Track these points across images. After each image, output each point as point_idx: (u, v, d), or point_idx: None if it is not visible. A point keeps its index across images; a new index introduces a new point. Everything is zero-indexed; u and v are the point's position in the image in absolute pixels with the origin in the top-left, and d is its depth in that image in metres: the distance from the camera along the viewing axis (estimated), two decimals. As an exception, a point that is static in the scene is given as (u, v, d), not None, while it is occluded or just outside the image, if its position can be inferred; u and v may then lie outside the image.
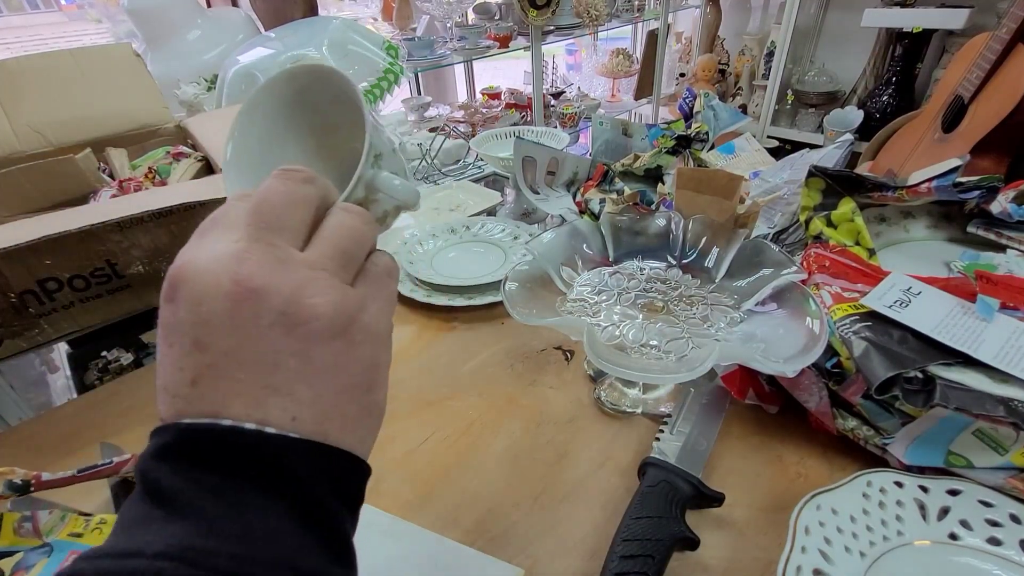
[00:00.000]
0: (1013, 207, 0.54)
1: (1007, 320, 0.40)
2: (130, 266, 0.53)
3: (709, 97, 0.87)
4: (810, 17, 2.27)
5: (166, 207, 0.52)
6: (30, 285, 0.49)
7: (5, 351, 0.50)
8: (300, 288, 0.19)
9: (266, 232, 0.19)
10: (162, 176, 0.72)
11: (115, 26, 1.58)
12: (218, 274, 0.18)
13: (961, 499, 0.34)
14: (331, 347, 0.20)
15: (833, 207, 0.57)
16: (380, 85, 1.18)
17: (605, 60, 2.42)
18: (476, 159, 1.06)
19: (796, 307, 0.41)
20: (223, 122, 0.89)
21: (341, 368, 0.20)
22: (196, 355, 0.18)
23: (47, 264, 0.50)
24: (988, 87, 1.03)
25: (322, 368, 0.19)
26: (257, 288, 0.18)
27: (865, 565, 0.32)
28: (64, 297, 0.51)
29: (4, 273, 0.48)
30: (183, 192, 0.55)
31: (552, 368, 0.53)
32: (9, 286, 0.48)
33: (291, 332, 0.19)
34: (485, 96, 1.98)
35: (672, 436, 0.41)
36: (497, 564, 0.36)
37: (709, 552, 0.35)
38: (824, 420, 0.41)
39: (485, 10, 1.79)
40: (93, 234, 0.50)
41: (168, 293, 0.19)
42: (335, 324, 0.20)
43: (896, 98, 2.02)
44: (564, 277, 0.49)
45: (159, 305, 0.20)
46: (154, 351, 0.61)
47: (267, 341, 0.18)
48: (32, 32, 3.66)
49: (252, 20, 1.54)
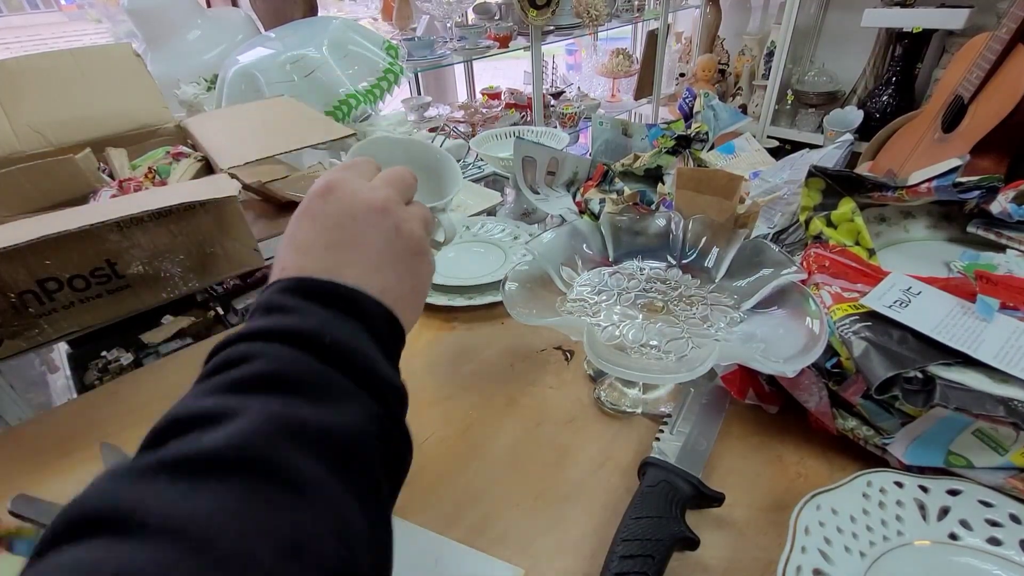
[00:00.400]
0: (1013, 207, 0.54)
1: (1007, 320, 0.40)
2: (130, 266, 0.53)
3: (709, 97, 0.87)
4: (810, 17, 2.27)
5: (166, 207, 0.52)
6: (30, 285, 0.49)
7: (5, 351, 0.50)
8: (407, 220, 0.31)
9: (392, 187, 0.32)
10: (162, 176, 0.72)
11: (115, 26, 1.58)
12: (364, 192, 0.30)
13: (961, 499, 0.34)
14: (414, 259, 0.31)
15: (833, 207, 0.57)
16: (380, 85, 1.18)
17: (605, 60, 2.42)
18: (476, 159, 1.06)
19: (796, 307, 0.41)
20: (223, 122, 0.89)
21: (415, 273, 0.31)
22: (335, 232, 0.29)
23: (47, 264, 0.49)
24: (988, 87, 1.03)
25: (406, 269, 0.30)
26: (386, 209, 0.30)
27: (865, 565, 0.32)
28: (64, 297, 0.51)
29: (3, 274, 0.48)
30: (183, 192, 0.55)
31: (552, 368, 0.53)
32: (8, 286, 0.48)
33: (395, 240, 0.30)
34: (485, 96, 1.98)
35: (672, 436, 0.41)
36: (497, 564, 0.36)
37: (709, 552, 0.35)
38: (824, 420, 0.41)
39: (485, 10, 1.79)
40: (93, 234, 0.50)
41: (322, 191, 0.30)
42: (421, 246, 0.31)
43: (896, 98, 2.02)
44: (564, 277, 0.49)
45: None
46: (155, 351, 0.61)
47: (381, 240, 0.29)
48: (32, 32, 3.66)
49: (252, 20, 1.54)
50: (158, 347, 0.61)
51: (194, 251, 0.56)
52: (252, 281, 0.73)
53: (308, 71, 1.11)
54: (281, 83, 1.10)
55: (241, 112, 0.93)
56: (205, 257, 0.58)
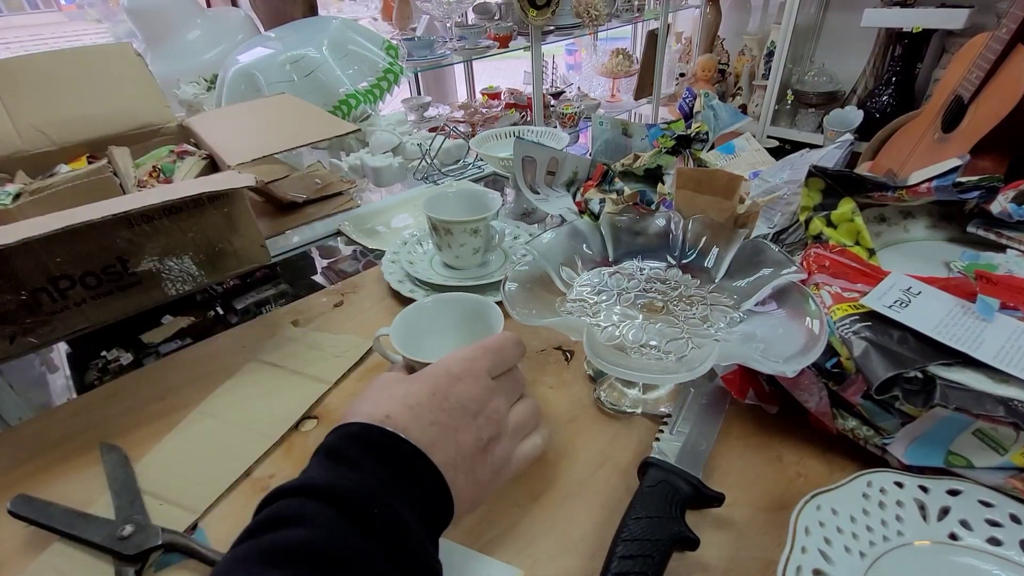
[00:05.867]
0: (1013, 207, 0.54)
1: (1007, 320, 0.40)
2: (140, 263, 0.54)
3: (709, 97, 0.87)
4: (810, 17, 2.27)
5: (179, 201, 0.52)
6: (43, 283, 0.50)
7: (17, 348, 0.50)
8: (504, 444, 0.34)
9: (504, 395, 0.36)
10: (166, 174, 0.72)
11: (115, 26, 1.58)
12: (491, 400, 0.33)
13: (961, 499, 0.34)
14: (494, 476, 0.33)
15: (833, 207, 0.57)
16: (380, 85, 1.18)
17: (605, 60, 2.42)
18: (476, 159, 1.06)
19: (796, 307, 0.41)
20: (226, 120, 0.89)
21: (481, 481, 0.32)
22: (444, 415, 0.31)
23: (58, 262, 0.50)
24: (988, 87, 1.03)
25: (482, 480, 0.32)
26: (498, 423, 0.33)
27: (865, 565, 0.32)
28: (76, 295, 0.52)
29: (18, 271, 0.48)
30: (197, 185, 0.54)
31: (552, 368, 0.53)
32: (23, 284, 0.49)
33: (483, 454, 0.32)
34: (485, 96, 1.98)
35: (672, 436, 0.41)
36: (497, 564, 0.36)
37: (709, 552, 0.35)
38: (824, 420, 0.41)
39: (485, 10, 1.79)
40: (105, 231, 0.51)
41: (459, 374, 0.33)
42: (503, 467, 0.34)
43: (896, 98, 2.02)
44: (564, 277, 0.49)
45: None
46: (155, 351, 0.61)
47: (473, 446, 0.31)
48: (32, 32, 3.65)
49: (252, 20, 1.54)
50: (158, 347, 0.61)
51: (203, 248, 0.57)
52: (252, 281, 0.73)
53: (308, 71, 1.12)
54: (281, 83, 1.10)
55: (244, 110, 0.94)
56: (214, 254, 0.58)
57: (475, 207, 0.65)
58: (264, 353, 0.56)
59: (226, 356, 0.56)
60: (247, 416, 0.48)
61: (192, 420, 0.49)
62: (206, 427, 0.48)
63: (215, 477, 0.43)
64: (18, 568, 0.37)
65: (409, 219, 0.87)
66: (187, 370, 0.55)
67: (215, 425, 0.48)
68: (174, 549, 0.37)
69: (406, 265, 0.66)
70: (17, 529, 0.39)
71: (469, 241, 0.63)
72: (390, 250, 0.69)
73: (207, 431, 0.47)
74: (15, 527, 0.39)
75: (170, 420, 0.48)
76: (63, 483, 0.43)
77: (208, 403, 0.50)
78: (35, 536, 0.38)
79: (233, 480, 0.42)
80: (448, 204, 0.66)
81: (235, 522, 0.40)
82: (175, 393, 0.52)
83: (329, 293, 0.67)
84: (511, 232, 0.73)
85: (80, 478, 0.44)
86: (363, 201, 0.94)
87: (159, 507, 0.40)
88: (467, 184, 0.97)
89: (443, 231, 0.62)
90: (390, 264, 0.67)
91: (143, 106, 0.84)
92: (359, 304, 0.65)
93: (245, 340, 0.59)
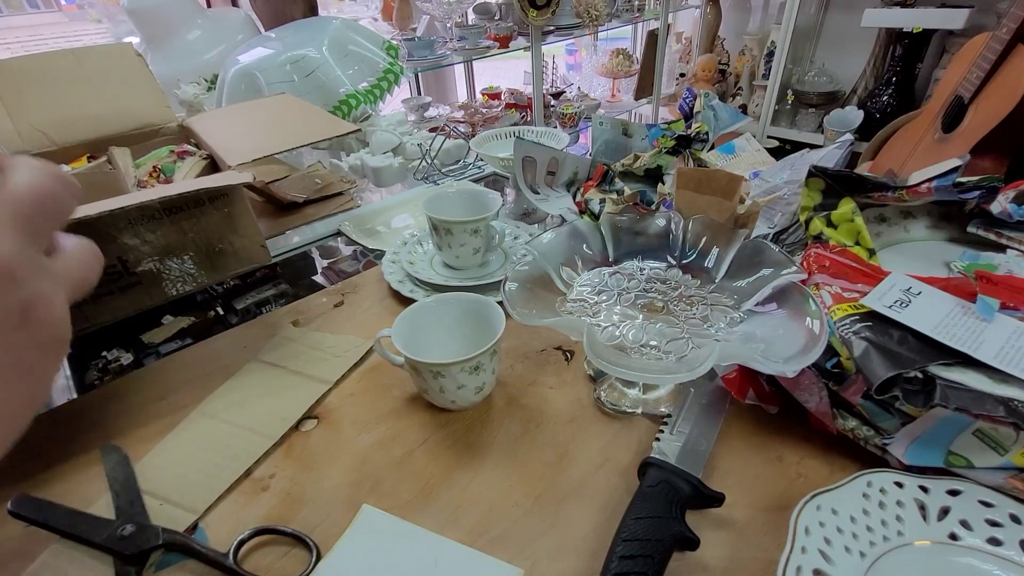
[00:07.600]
0: (1013, 207, 0.54)
1: (1007, 320, 0.40)
2: (141, 263, 0.54)
3: (709, 97, 0.87)
4: (810, 17, 2.27)
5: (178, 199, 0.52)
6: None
7: None
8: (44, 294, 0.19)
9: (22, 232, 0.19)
10: (167, 175, 0.72)
11: (115, 26, 1.58)
12: None
13: (961, 499, 0.34)
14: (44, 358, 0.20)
15: (833, 207, 0.57)
16: (380, 85, 1.18)
17: (605, 60, 2.42)
18: (476, 159, 1.06)
19: (796, 307, 0.41)
20: (227, 120, 0.89)
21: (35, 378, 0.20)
22: None
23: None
24: (988, 87, 1.03)
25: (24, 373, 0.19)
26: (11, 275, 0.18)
27: (865, 565, 0.32)
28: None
29: None
30: (196, 183, 0.55)
31: (552, 368, 0.53)
32: None
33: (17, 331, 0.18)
34: (485, 96, 1.98)
35: (672, 436, 0.41)
36: (497, 564, 0.36)
37: (709, 552, 0.35)
38: (824, 420, 0.41)
39: (485, 10, 1.79)
40: (107, 233, 0.51)
41: None
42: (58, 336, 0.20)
43: (896, 98, 2.02)
44: (564, 277, 0.49)
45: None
46: (155, 351, 0.61)
47: None
48: (32, 32, 3.66)
49: (252, 20, 1.54)
50: (158, 347, 0.61)
51: (204, 248, 0.57)
52: (252, 281, 0.73)
53: (308, 71, 1.12)
54: (281, 83, 1.10)
55: (244, 110, 0.94)
56: (215, 254, 0.58)
57: (475, 207, 0.65)
58: (264, 353, 0.56)
59: (226, 356, 0.56)
60: (247, 416, 0.48)
61: (192, 420, 0.49)
62: (206, 427, 0.48)
63: (215, 477, 0.43)
64: (18, 568, 0.37)
65: (409, 219, 0.87)
66: (187, 370, 0.55)
67: (215, 425, 0.48)
68: (174, 549, 0.37)
69: (406, 265, 0.66)
70: (17, 529, 0.39)
71: (469, 241, 0.63)
72: (390, 250, 0.70)
73: (207, 431, 0.47)
74: (15, 527, 0.39)
75: (170, 420, 0.49)
76: (63, 483, 0.43)
77: (208, 403, 0.50)
78: (35, 536, 0.38)
79: (233, 480, 0.42)
80: (448, 204, 0.66)
81: (235, 522, 0.40)
82: (175, 393, 0.52)
83: (329, 293, 0.67)
84: (511, 232, 0.73)
85: (80, 478, 0.44)
86: (363, 201, 0.94)
87: (159, 507, 0.40)
88: (467, 184, 0.97)
89: (443, 231, 0.62)
90: (390, 264, 0.67)
91: (143, 106, 0.84)
92: (359, 304, 0.65)
93: (245, 340, 0.59)
